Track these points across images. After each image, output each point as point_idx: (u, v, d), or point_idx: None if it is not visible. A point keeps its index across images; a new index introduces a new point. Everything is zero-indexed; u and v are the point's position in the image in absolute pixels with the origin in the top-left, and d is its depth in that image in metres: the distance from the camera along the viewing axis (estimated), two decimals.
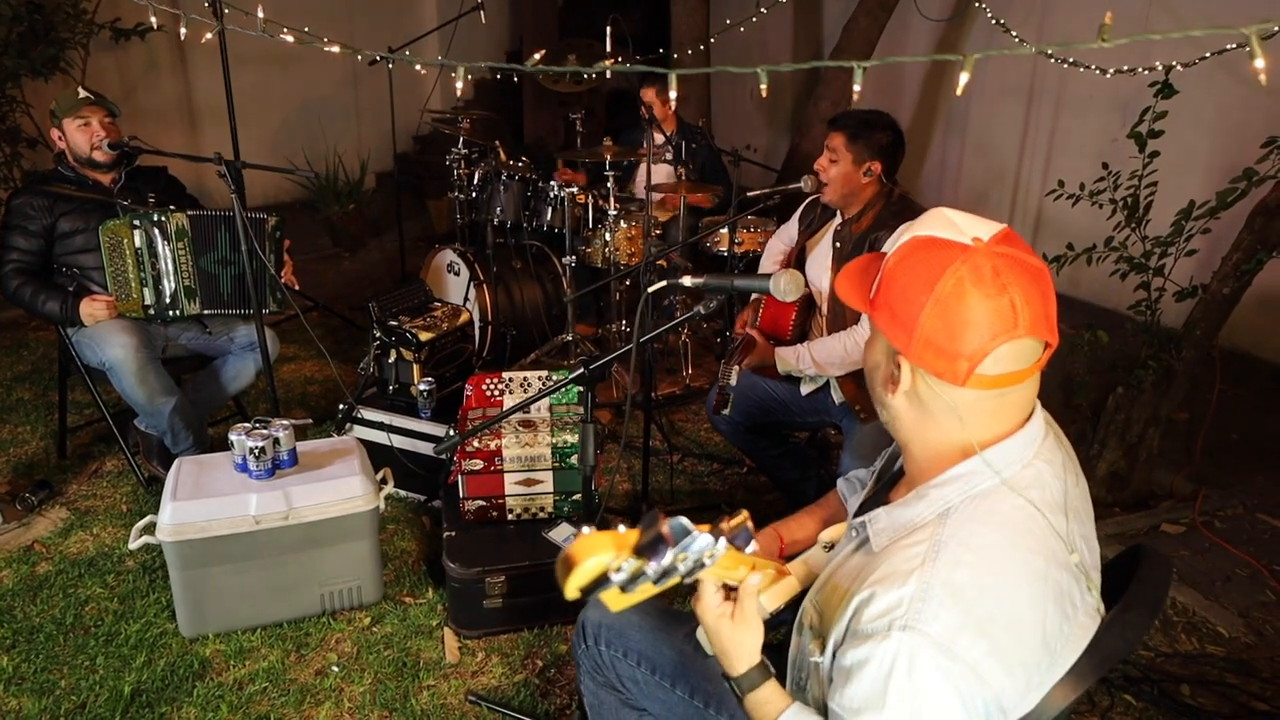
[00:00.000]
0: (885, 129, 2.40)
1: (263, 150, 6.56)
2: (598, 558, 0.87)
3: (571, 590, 0.88)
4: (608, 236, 4.04)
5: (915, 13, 5.80)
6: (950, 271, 1.04)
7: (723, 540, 0.97)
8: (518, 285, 4.14)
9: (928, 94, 6.16)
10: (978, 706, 1.00)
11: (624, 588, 0.90)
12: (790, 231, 2.82)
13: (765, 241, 4.17)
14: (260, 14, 2.26)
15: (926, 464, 1.15)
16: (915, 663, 0.99)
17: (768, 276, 1.46)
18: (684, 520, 0.92)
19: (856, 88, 1.94)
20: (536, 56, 1.64)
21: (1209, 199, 2.91)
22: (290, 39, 2.31)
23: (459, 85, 1.69)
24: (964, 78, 1.78)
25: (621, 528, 0.92)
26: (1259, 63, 1.08)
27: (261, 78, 6.44)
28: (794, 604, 1.30)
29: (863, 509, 1.34)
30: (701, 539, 0.93)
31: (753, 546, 1.07)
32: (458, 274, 4.11)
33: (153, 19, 2.70)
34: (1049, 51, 1.86)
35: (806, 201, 2.73)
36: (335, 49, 2.32)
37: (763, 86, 1.91)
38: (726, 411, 2.48)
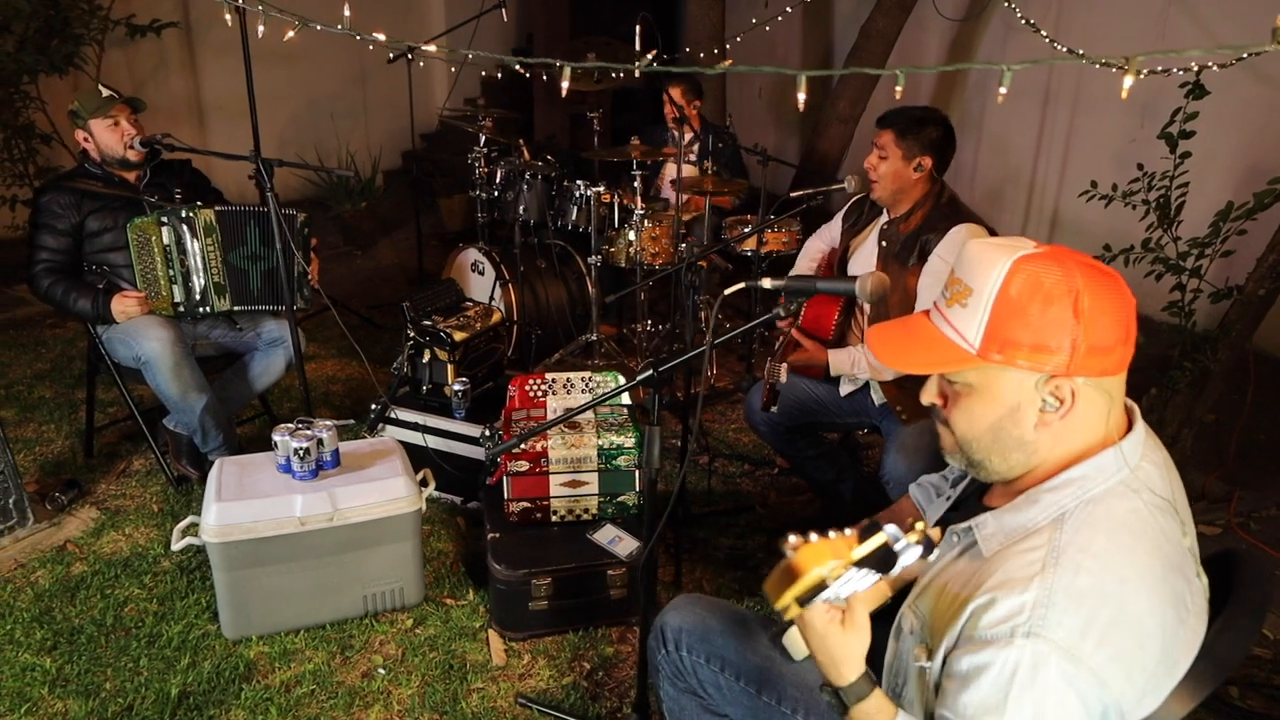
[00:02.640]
0: (936, 124, 2.39)
1: (271, 147, 6.50)
2: (819, 568, 0.87)
3: (787, 600, 0.88)
4: (632, 236, 4.03)
5: (930, 12, 5.80)
6: (1073, 273, 1.06)
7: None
8: (542, 285, 4.13)
9: (941, 93, 6.16)
10: (1098, 712, 1.00)
11: (802, 601, 0.90)
12: (832, 231, 2.81)
13: (789, 241, 4.19)
14: (261, 14, 2.24)
15: (1043, 471, 1.14)
16: (1039, 669, 0.99)
17: (853, 279, 1.45)
18: (897, 529, 0.91)
19: (899, 89, 1.95)
20: (561, 68, 1.63)
21: (1234, 200, 2.92)
22: (319, 28, 2.29)
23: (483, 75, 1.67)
24: (1003, 90, 1.79)
25: (813, 536, 0.92)
26: None
27: (269, 75, 6.39)
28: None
29: (955, 513, 1.34)
30: (912, 550, 0.92)
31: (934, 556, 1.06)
32: (482, 273, 4.09)
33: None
34: (1102, 60, 1.86)
35: (851, 201, 2.73)
36: (380, 37, 2.31)
37: (800, 95, 1.91)
38: (774, 409, 2.47)
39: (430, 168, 7.16)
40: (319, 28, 2.30)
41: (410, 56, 4.72)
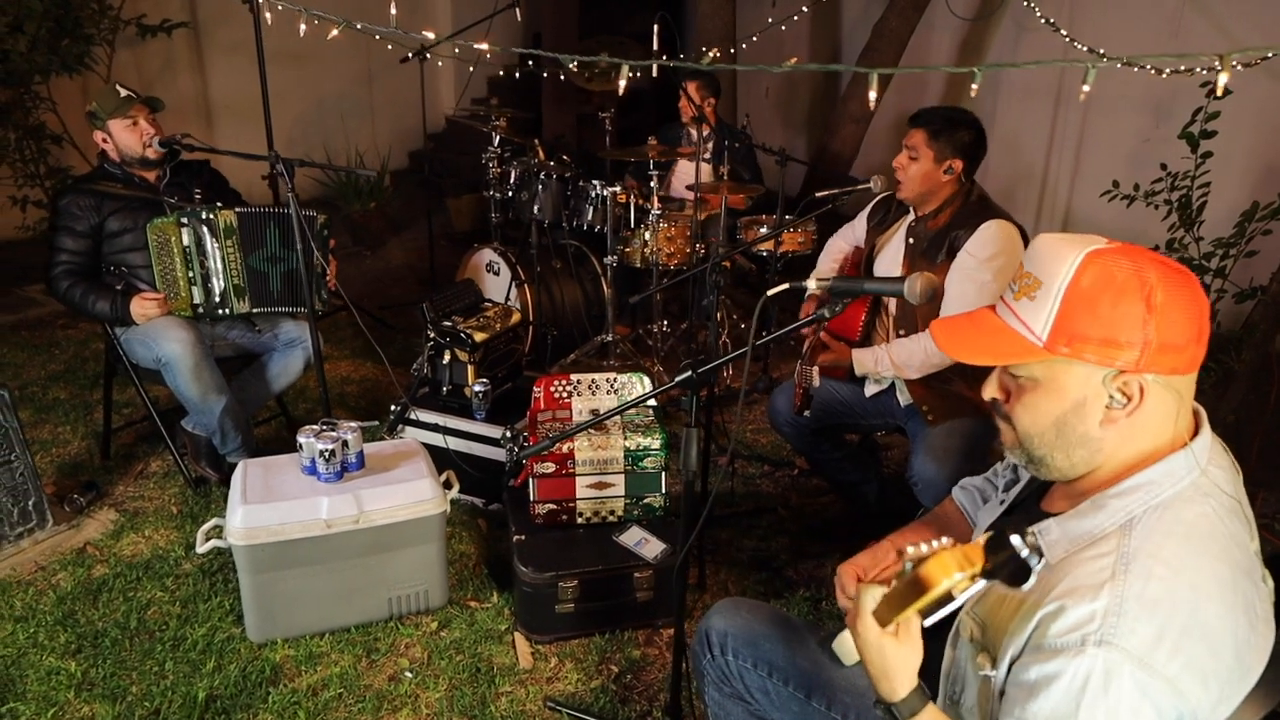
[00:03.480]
0: (968, 127, 2.37)
1: (280, 147, 6.39)
2: (949, 579, 0.85)
3: (909, 614, 0.86)
4: (647, 236, 4.02)
5: (940, 11, 5.79)
6: (1147, 268, 1.05)
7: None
8: (558, 285, 4.11)
9: (951, 91, 6.15)
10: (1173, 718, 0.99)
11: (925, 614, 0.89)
12: (855, 230, 2.79)
13: (805, 242, 4.18)
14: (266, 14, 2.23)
15: (1107, 474, 1.12)
16: (1111, 678, 0.98)
17: (901, 280, 1.43)
18: (1019, 539, 0.88)
19: (974, 87, 1.92)
20: (593, 64, 1.62)
21: (1252, 200, 2.91)
22: (359, 27, 2.28)
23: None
24: (974, 86, 1.75)
25: (934, 543, 0.90)
26: None
27: (277, 75, 6.36)
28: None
29: (1009, 518, 1.32)
30: (1032, 559, 0.89)
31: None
32: (497, 274, 4.08)
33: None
34: (1125, 60, 1.85)
35: (876, 200, 2.71)
36: (411, 34, 2.29)
37: (871, 94, 1.89)
38: (808, 414, 2.45)
39: (439, 167, 7.14)
40: (360, 26, 2.28)
41: (428, 55, 4.69)
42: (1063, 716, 1.00)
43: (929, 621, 0.91)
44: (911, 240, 2.51)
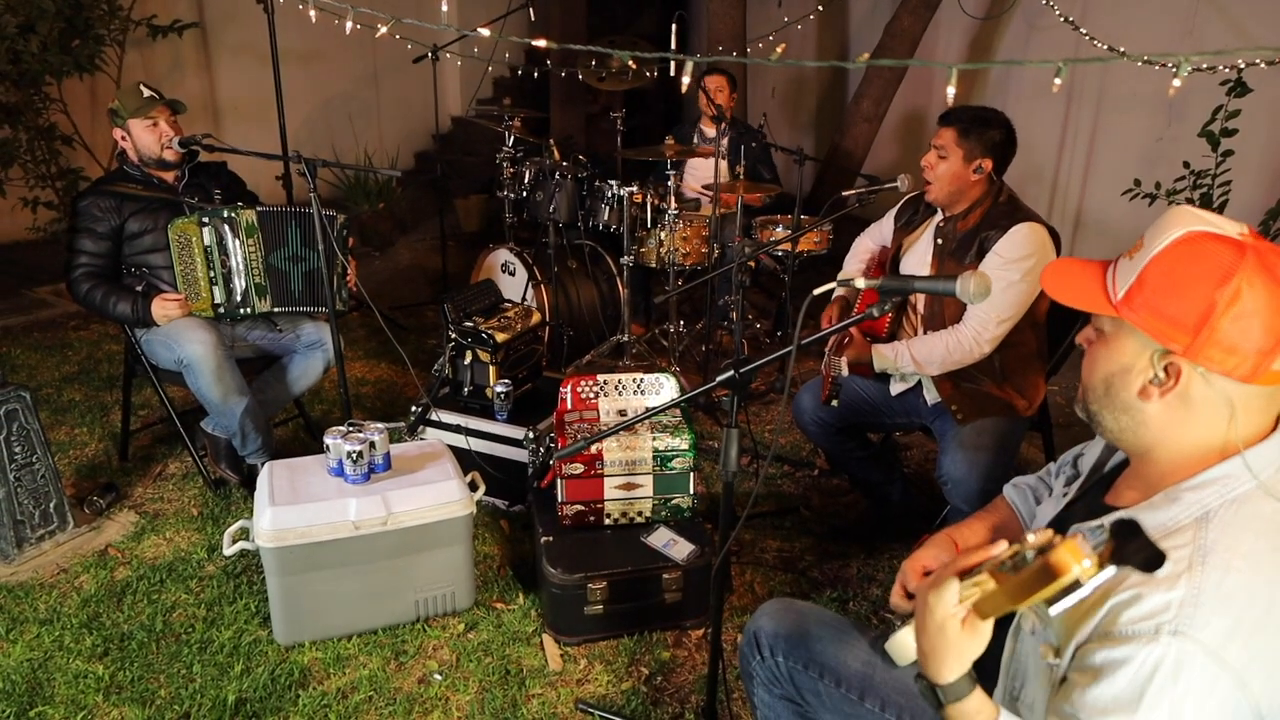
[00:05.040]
0: (999, 126, 2.36)
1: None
2: (1079, 566, 0.84)
3: (1035, 602, 0.85)
4: (663, 236, 4.01)
5: (950, 10, 5.78)
6: (1243, 266, 1.02)
7: None
8: (574, 285, 4.10)
9: (961, 90, 6.11)
10: (1237, 713, 0.98)
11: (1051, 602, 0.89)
12: (883, 229, 2.78)
13: (821, 242, 4.17)
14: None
15: (1172, 466, 1.11)
16: (1182, 668, 0.97)
17: (953, 279, 1.42)
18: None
19: (950, 90, 1.91)
20: (615, 58, 1.60)
21: (1273, 198, 2.90)
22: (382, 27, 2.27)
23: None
24: (1057, 80, 1.75)
25: (1031, 536, 0.89)
26: None
27: (285, 76, 6.36)
28: None
29: (1069, 515, 1.31)
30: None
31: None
32: (513, 274, 4.07)
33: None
34: (1144, 58, 1.84)
35: (903, 200, 2.70)
36: (429, 25, 2.28)
37: (950, 90, 1.88)
38: (835, 403, 2.45)
39: (446, 168, 7.12)
40: (382, 27, 2.27)
41: (437, 56, 4.68)
42: (1126, 703, 0.99)
43: (1056, 610, 0.90)
44: (940, 241, 2.49)
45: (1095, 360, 1.17)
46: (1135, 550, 0.87)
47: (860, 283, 1.51)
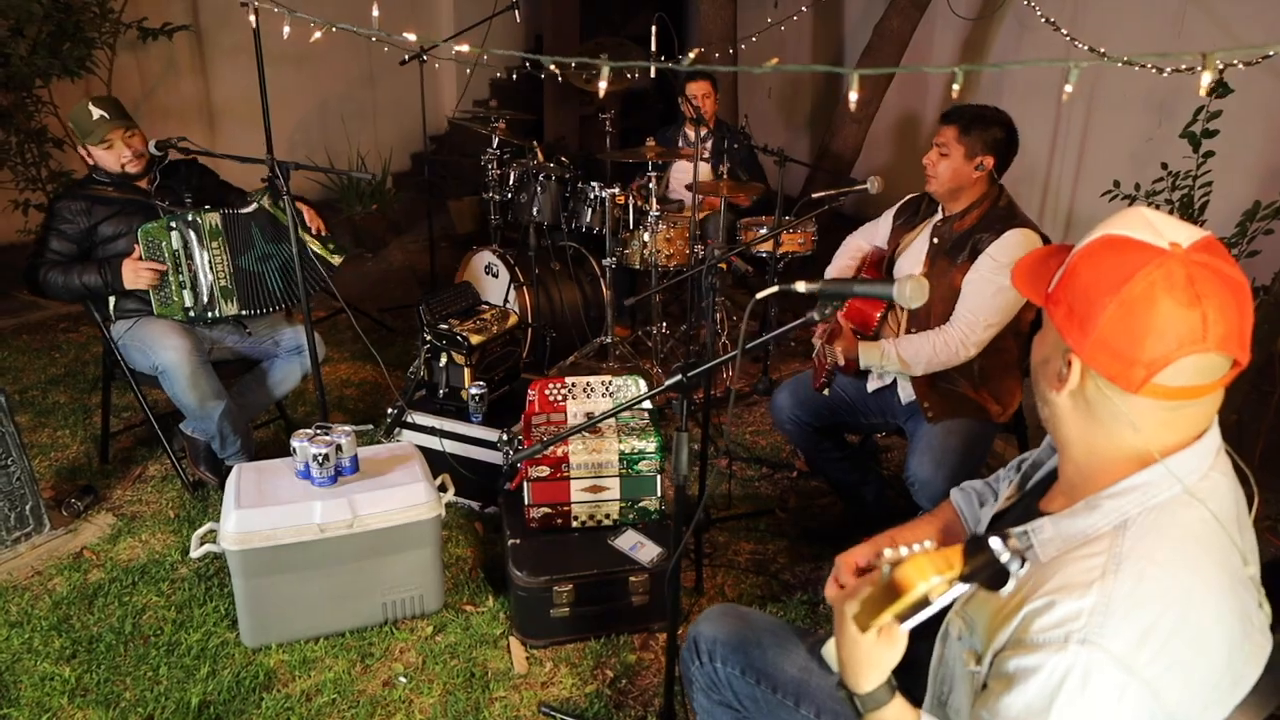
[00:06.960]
0: (1000, 124, 2.37)
1: (281, 150, 6.45)
2: (926, 583, 0.84)
3: (886, 619, 0.85)
4: (646, 238, 4.00)
5: (941, 11, 5.76)
6: (1142, 274, 1.00)
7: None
8: (557, 287, 4.10)
9: (953, 91, 6.11)
10: None
11: (902, 618, 0.87)
12: (879, 228, 2.76)
13: (805, 243, 4.16)
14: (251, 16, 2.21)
15: (1092, 472, 1.11)
16: (1090, 677, 0.97)
17: (891, 282, 1.42)
18: (1001, 542, 0.88)
19: (955, 87, 1.90)
20: (597, 67, 1.60)
21: (1256, 199, 2.88)
22: (383, 36, 2.26)
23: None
24: (1068, 87, 1.74)
25: (915, 546, 0.89)
26: None
27: (279, 77, 6.37)
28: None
29: (1005, 518, 1.31)
30: (1013, 564, 0.89)
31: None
32: (496, 276, 4.07)
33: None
34: (1124, 59, 1.83)
35: (903, 200, 2.71)
36: (411, 36, 2.29)
37: (852, 95, 1.87)
38: (827, 392, 2.46)
39: (439, 170, 7.14)
40: (334, 29, 2.27)
41: (424, 59, 4.69)
42: (1036, 712, 0.99)
43: (906, 626, 0.90)
44: (936, 240, 2.50)
45: (1034, 346, 1.20)
46: (980, 568, 0.86)
47: (800, 286, 1.51)
